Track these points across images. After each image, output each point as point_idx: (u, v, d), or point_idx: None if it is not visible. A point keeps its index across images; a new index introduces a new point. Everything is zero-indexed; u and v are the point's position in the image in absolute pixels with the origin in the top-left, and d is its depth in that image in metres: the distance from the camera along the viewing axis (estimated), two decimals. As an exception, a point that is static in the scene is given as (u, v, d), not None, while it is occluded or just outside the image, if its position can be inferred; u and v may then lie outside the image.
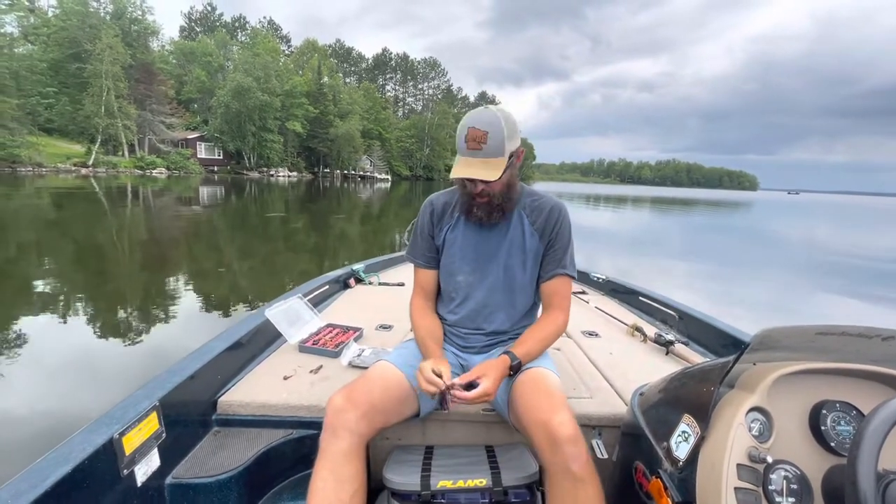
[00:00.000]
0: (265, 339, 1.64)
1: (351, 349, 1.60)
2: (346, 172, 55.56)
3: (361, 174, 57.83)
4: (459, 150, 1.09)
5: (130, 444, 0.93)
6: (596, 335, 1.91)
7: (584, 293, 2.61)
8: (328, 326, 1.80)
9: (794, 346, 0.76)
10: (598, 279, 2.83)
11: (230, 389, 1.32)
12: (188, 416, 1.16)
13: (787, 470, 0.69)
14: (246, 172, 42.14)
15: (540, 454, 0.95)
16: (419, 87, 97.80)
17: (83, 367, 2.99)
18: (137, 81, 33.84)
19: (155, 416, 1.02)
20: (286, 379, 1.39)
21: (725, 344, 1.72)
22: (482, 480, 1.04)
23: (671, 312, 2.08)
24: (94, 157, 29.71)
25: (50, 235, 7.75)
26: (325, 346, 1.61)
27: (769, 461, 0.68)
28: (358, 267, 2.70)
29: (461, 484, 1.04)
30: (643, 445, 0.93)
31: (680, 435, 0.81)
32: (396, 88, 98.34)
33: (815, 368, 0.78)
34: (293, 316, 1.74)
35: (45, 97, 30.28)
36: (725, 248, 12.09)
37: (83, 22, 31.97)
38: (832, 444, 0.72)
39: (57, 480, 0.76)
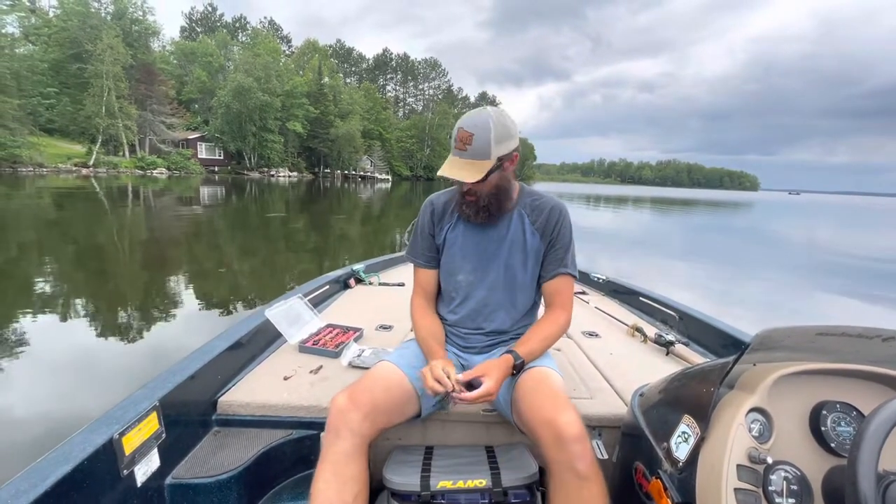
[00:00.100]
0: (265, 339, 1.64)
1: (351, 349, 1.60)
2: (346, 173, 55.55)
3: (362, 174, 57.82)
4: (451, 148, 1.11)
5: (130, 444, 0.93)
6: (596, 335, 1.91)
7: (584, 293, 2.62)
8: (328, 327, 1.80)
9: (794, 346, 0.76)
10: (598, 279, 2.83)
11: (230, 389, 1.32)
12: (188, 416, 1.16)
13: (787, 471, 0.69)
14: (246, 173, 42.15)
15: (545, 453, 0.95)
16: (420, 87, 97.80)
17: (83, 367, 2.99)
18: (138, 82, 33.89)
19: (155, 416, 1.02)
20: (286, 379, 1.39)
21: (726, 344, 1.72)
22: (482, 481, 1.04)
23: (671, 313, 2.08)
24: (94, 157, 29.75)
25: (51, 235, 7.76)
26: (325, 346, 1.61)
27: (769, 462, 0.68)
28: (358, 267, 2.70)
29: (461, 484, 1.03)
30: (643, 446, 0.93)
31: (680, 435, 0.81)
32: (397, 89, 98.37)
33: (815, 369, 0.78)
34: (293, 316, 1.74)
35: (45, 97, 30.34)
36: (726, 248, 12.08)
37: (84, 22, 31.99)
38: (832, 444, 0.71)
39: (57, 480, 0.76)
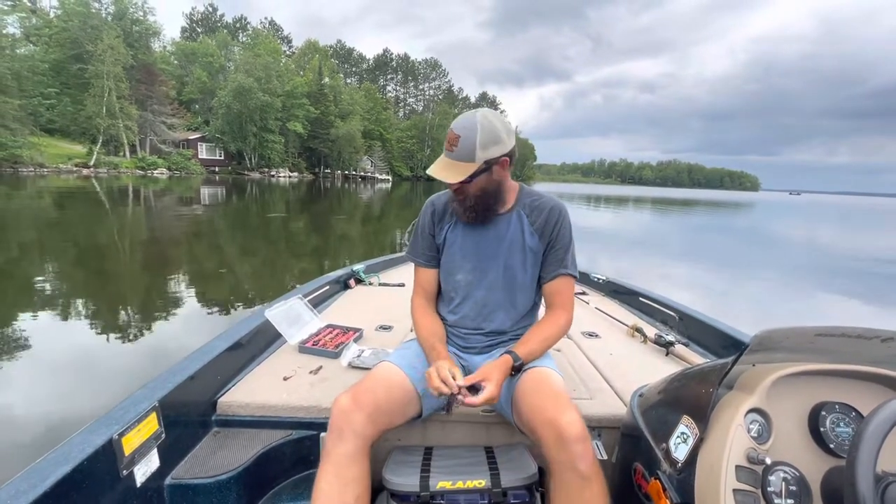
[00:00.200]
0: (265, 339, 1.64)
1: (351, 350, 1.60)
2: (346, 173, 55.57)
3: (362, 175, 57.84)
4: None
5: (130, 444, 0.93)
6: (596, 336, 1.91)
7: (584, 294, 2.62)
8: (328, 327, 1.80)
9: (793, 347, 0.76)
10: (598, 280, 2.83)
11: (230, 390, 1.32)
12: (188, 416, 1.16)
13: (786, 471, 0.69)
14: (247, 173, 42.16)
15: (546, 453, 0.95)
16: (420, 87, 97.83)
17: (84, 367, 3.00)
18: (139, 82, 33.92)
19: (154, 416, 1.02)
20: (286, 379, 1.39)
21: (726, 345, 1.72)
22: (481, 481, 1.04)
23: (671, 313, 2.08)
24: (95, 157, 29.76)
25: (51, 236, 7.76)
26: (324, 346, 1.61)
27: (768, 463, 0.68)
28: (358, 267, 2.70)
29: (460, 485, 1.03)
30: (642, 447, 0.92)
31: (679, 436, 0.80)
32: (397, 89, 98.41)
33: (814, 370, 0.78)
34: (293, 316, 1.74)
35: (46, 98, 30.36)
36: (726, 248, 12.08)
37: (85, 23, 31.99)
38: (831, 445, 0.71)
39: (56, 481, 0.76)
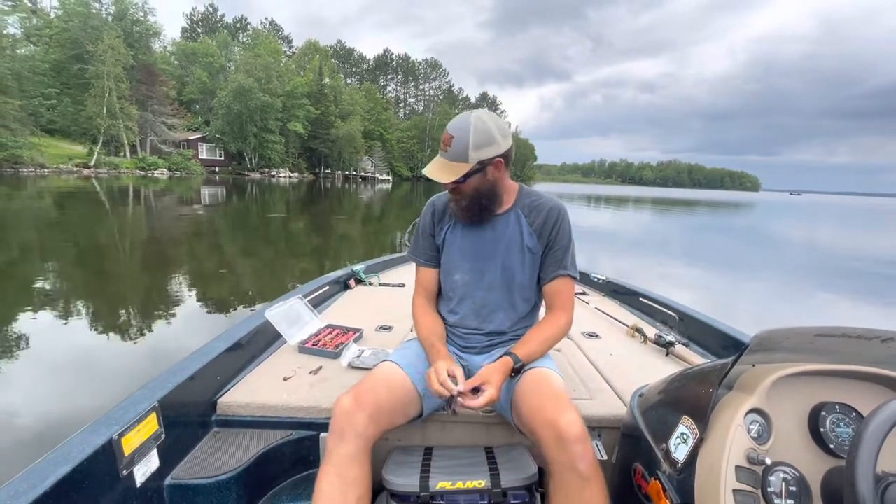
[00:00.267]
0: (265, 339, 1.64)
1: (351, 350, 1.60)
2: (347, 173, 55.59)
3: (362, 175, 57.86)
4: None
5: (130, 444, 0.93)
6: (596, 336, 1.91)
7: (584, 294, 2.61)
8: (328, 327, 1.80)
9: (793, 347, 0.75)
10: (598, 280, 2.83)
11: (230, 390, 1.32)
12: (188, 416, 1.16)
13: (786, 472, 0.69)
14: (247, 173, 42.17)
15: (546, 454, 0.95)
16: (420, 87, 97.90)
17: (84, 367, 3.00)
18: (139, 82, 33.94)
19: (154, 416, 1.02)
20: (286, 380, 1.39)
21: (726, 345, 1.72)
22: (481, 482, 1.04)
23: (671, 313, 2.08)
24: (95, 157, 29.78)
25: (52, 236, 7.77)
26: (324, 346, 1.61)
27: (768, 463, 0.68)
28: (358, 268, 2.70)
29: (460, 485, 1.03)
30: (642, 447, 0.92)
31: (679, 436, 0.80)
32: (397, 89, 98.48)
33: (814, 370, 0.78)
34: (293, 317, 1.74)
35: (47, 98, 30.39)
36: (727, 249, 12.07)
37: (85, 23, 32.02)
38: (831, 445, 0.71)
39: (56, 481, 0.76)
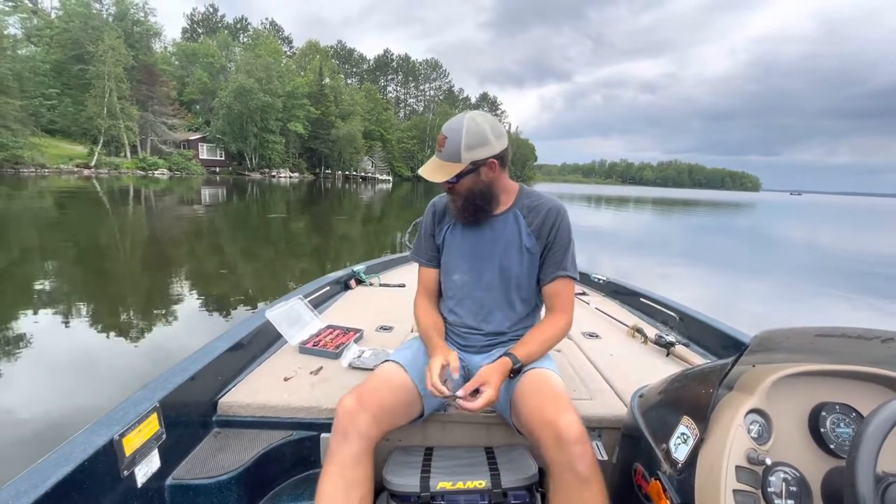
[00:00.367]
0: (266, 340, 1.64)
1: (351, 350, 1.60)
2: (347, 173, 55.60)
3: (363, 175, 57.88)
4: None
5: (131, 445, 0.94)
6: (596, 336, 1.91)
7: (584, 294, 2.61)
8: (328, 327, 1.81)
9: (793, 347, 0.76)
10: (598, 280, 2.83)
11: (230, 390, 1.32)
12: (188, 417, 1.16)
13: (786, 472, 0.69)
14: (247, 173, 42.18)
15: (545, 454, 0.95)
16: (420, 88, 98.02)
17: (85, 367, 3.00)
18: (140, 83, 33.96)
19: (155, 417, 1.02)
20: (286, 380, 1.39)
21: (726, 345, 1.72)
22: (481, 482, 1.04)
23: (672, 314, 2.08)
24: (96, 158, 29.79)
25: (53, 236, 7.77)
26: (325, 347, 1.61)
27: (768, 463, 0.68)
28: (359, 268, 2.70)
29: (460, 485, 1.03)
30: (642, 447, 0.92)
31: (679, 437, 0.80)
32: (398, 89, 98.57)
33: (814, 370, 0.78)
34: (294, 317, 1.74)
35: (47, 98, 30.40)
36: (727, 249, 12.07)
37: (86, 23, 32.05)
38: (832, 446, 0.71)
39: (57, 481, 0.76)
